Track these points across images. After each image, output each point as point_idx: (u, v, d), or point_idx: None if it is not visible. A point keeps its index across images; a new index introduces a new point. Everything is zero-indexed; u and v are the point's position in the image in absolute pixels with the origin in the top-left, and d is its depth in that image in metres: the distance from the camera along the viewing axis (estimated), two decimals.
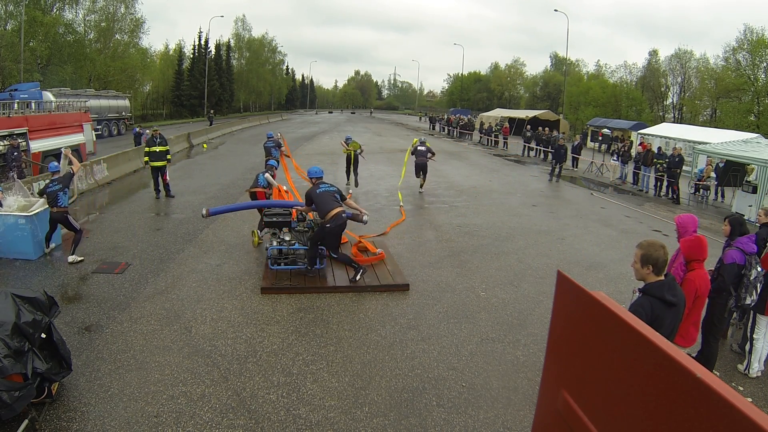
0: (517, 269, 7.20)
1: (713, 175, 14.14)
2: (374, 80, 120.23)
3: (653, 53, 48.62)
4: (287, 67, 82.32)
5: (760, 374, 4.56)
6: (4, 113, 12.43)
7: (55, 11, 35.17)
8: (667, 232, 9.74)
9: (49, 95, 17.12)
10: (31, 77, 27.99)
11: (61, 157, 7.01)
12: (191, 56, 53.47)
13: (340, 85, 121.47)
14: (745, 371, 4.60)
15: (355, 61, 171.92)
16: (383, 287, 6.15)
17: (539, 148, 23.38)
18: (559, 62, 63.43)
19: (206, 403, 3.81)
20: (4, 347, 3.23)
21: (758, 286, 4.31)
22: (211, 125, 31.57)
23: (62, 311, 4.63)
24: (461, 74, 75.57)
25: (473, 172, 17.20)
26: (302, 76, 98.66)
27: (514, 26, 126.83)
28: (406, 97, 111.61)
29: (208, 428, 3.52)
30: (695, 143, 18.64)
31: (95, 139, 17.74)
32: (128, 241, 7.93)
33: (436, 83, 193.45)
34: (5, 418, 3.18)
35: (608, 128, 25.43)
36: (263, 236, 7.84)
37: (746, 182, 12.66)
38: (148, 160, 11.10)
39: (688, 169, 15.55)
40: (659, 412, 1.22)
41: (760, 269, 4.31)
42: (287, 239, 6.64)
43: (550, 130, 23.99)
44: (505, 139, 27.33)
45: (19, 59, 28.05)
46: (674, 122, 37.36)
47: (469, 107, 65.79)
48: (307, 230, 6.76)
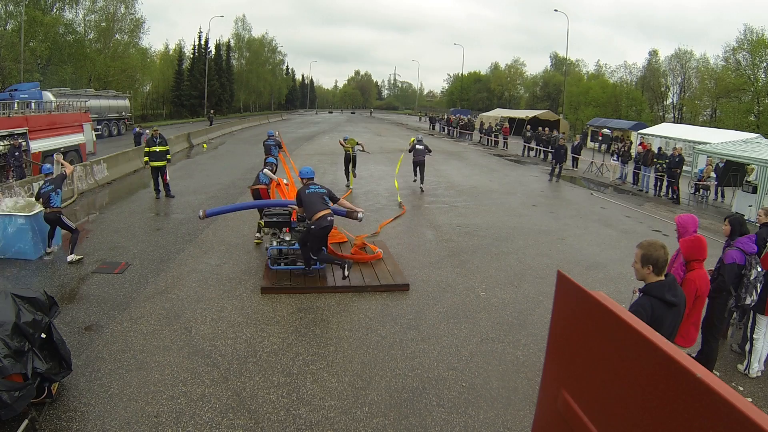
0: (517, 269, 7.20)
1: (713, 175, 14.14)
2: (374, 80, 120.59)
3: (653, 53, 48.68)
4: (287, 67, 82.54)
5: (760, 374, 4.56)
6: (4, 113, 12.44)
7: (55, 11, 35.19)
8: (667, 232, 9.74)
9: (49, 95, 17.13)
10: (31, 77, 27.99)
11: (53, 162, 7.16)
12: (191, 56, 53.52)
13: (340, 85, 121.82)
14: (745, 371, 4.60)
15: (355, 61, 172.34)
16: (383, 287, 6.16)
17: (539, 148, 23.37)
18: (559, 62, 63.43)
19: (206, 403, 3.81)
20: (4, 347, 3.23)
21: (758, 286, 4.31)
22: (211, 125, 31.59)
23: (62, 311, 4.64)
24: (461, 74, 75.73)
25: (473, 172, 17.20)
26: (302, 76, 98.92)
27: (514, 26, 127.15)
28: (406, 97, 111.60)
29: (208, 428, 3.52)
30: (695, 143, 18.63)
31: (95, 139, 17.73)
32: (128, 241, 7.93)
33: (436, 83, 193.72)
34: (5, 418, 3.18)
35: (608, 128, 25.43)
36: (263, 236, 7.84)
37: (746, 182, 12.66)
38: (148, 160, 11.12)
39: (688, 169, 15.55)
40: (659, 412, 1.22)
41: (760, 269, 4.31)
42: (287, 239, 6.65)
43: (550, 130, 23.98)
44: (505, 139, 27.32)
45: (19, 59, 28.06)
46: (674, 122, 37.35)
47: (469, 107, 65.79)
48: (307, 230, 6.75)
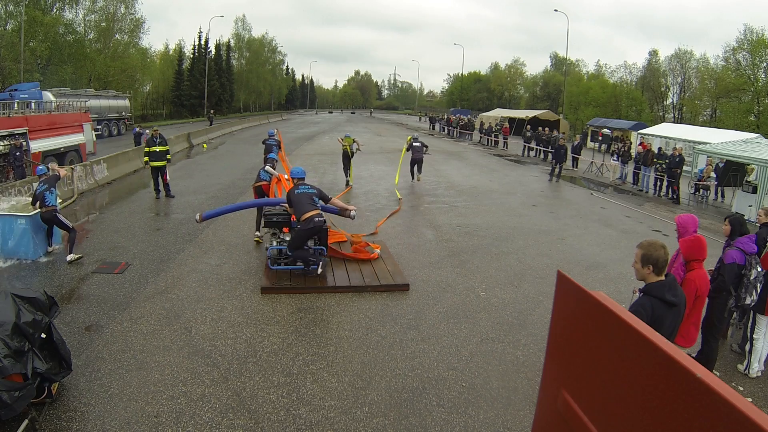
0: (517, 269, 7.20)
1: (713, 175, 14.14)
2: (374, 80, 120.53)
3: (653, 53, 48.67)
4: (287, 67, 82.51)
5: (760, 374, 4.57)
6: (4, 113, 12.43)
7: (55, 11, 35.19)
8: (667, 232, 9.74)
9: (49, 95, 17.12)
10: (31, 77, 27.99)
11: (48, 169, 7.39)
12: (191, 56, 53.50)
13: (340, 85, 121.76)
14: (745, 371, 4.60)
15: (355, 61, 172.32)
16: (383, 287, 6.16)
17: (539, 148, 23.37)
18: (559, 62, 63.43)
19: (206, 403, 3.81)
20: (4, 347, 3.23)
21: (758, 286, 4.31)
22: (211, 125, 31.59)
23: (62, 311, 4.64)
24: (461, 74, 75.73)
25: (473, 172, 17.20)
26: (302, 76, 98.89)
27: (514, 26, 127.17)
28: (406, 97, 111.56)
29: (208, 428, 3.52)
30: (695, 143, 18.63)
31: (95, 139, 17.74)
32: (128, 241, 7.93)
33: (436, 83, 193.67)
34: (5, 418, 3.18)
35: (608, 128, 25.43)
36: (263, 236, 7.85)
37: (746, 182, 12.66)
38: (148, 160, 11.12)
39: (688, 169, 15.55)
40: (659, 412, 1.22)
41: (760, 269, 4.31)
42: (287, 239, 6.65)
43: (550, 130, 23.98)
44: (505, 139, 27.32)
45: (19, 59, 28.06)
46: (674, 122, 37.35)
47: (469, 107, 65.79)
48: None
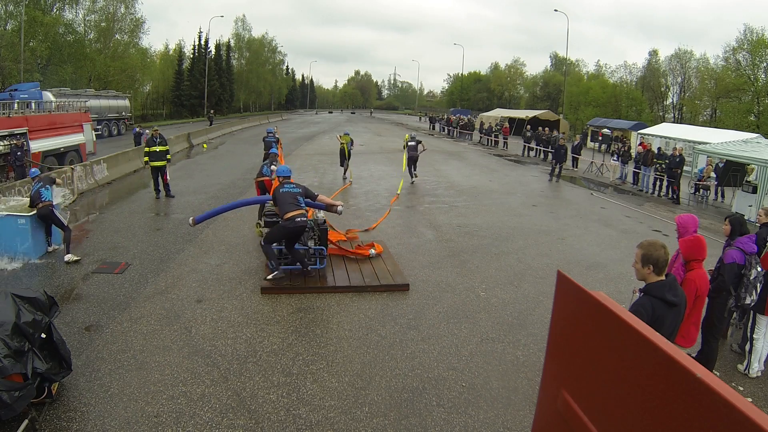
0: (517, 269, 7.20)
1: (713, 175, 14.14)
2: (374, 80, 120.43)
3: (653, 53, 48.66)
4: (287, 67, 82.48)
5: (760, 374, 4.56)
6: (4, 113, 12.43)
7: (55, 11, 35.18)
8: (667, 232, 9.73)
9: (49, 95, 17.12)
10: (31, 77, 27.98)
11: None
12: (191, 56, 53.48)
13: (340, 85, 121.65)
14: (745, 371, 4.60)
15: (355, 61, 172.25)
16: (383, 287, 6.15)
17: (539, 148, 23.36)
18: (559, 62, 63.41)
19: (206, 403, 3.81)
20: (4, 347, 3.23)
21: (758, 285, 4.31)
22: (211, 125, 31.59)
23: (62, 311, 4.64)
24: (461, 74, 75.70)
25: (473, 172, 17.20)
26: (302, 76, 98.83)
27: (514, 26, 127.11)
28: (406, 97, 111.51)
29: (208, 428, 3.52)
30: (695, 143, 18.63)
31: (95, 139, 17.74)
32: (128, 241, 7.93)
33: (436, 83, 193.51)
34: (5, 418, 3.18)
35: (608, 128, 25.42)
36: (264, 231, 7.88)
37: (746, 182, 12.66)
38: (148, 160, 11.12)
39: (688, 169, 15.55)
40: (659, 412, 1.22)
41: (760, 269, 4.31)
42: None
43: (550, 130, 23.98)
44: (505, 139, 27.31)
45: (19, 59, 28.05)
46: (674, 122, 37.33)
47: (469, 107, 65.77)
48: (306, 230, 6.75)
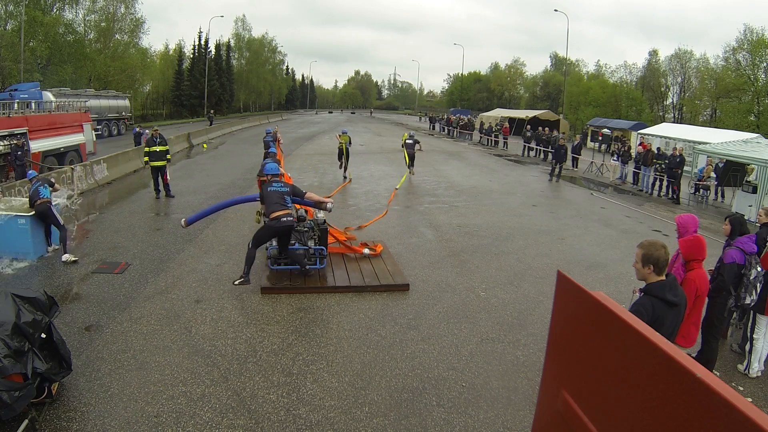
0: (517, 269, 7.20)
1: (713, 175, 14.14)
2: (374, 80, 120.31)
3: (653, 53, 48.65)
4: (287, 67, 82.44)
5: (760, 374, 4.56)
6: (4, 113, 12.43)
7: (55, 11, 35.18)
8: (667, 232, 9.74)
9: (49, 95, 17.12)
10: (31, 77, 27.97)
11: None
12: (191, 56, 53.45)
13: (340, 85, 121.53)
14: (745, 371, 4.60)
15: (355, 61, 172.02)
16: (383, 287, 6.15)
17: (539, 148, 23.35)
18: (559, 62, 63.41)
19: (206, 403, 3.81)
20: (4, 347, 3.23)
21: (758, 285, 4.31)
22: (211, 125, 31.57)
23: (62, 311, 4.64)
24: (461, 74, 75.63)
25: (473, 172, 17.20)
26: (302, 76, 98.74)
27: (514, 26, 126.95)
28: (406, 97, 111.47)
29: (208, 428, 3.52)
30: (695, 143, 18.63)
31: (95, 139, 17.74)
32: (128, 241, 7.93)
33: (436, 83, 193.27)
34: (5, 418, 3.18)
35: (608, 128, 25.42)
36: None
37: (746, 182, 12.66)
38: (148, 160, 11.12)
39: (688, 169, 15.55)
40: (659, 412, 1.22)
41: (760, 269, 4.31)
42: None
43: (550, 130, 23.97)
44: (505, 139, 27.31)
45: (19, 59, 28.05)
46: (674, 122, 37.34)
47: (469, 107, 65.77)
48: (307, 230, 6.76)
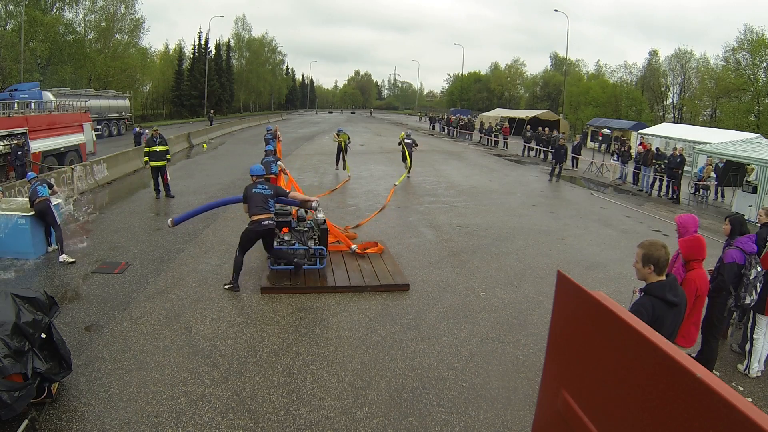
0: (517, 269, 7.20)
1: (713, 175, 14.14)
2: (374, 80, 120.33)
3: (653, 53, 48.67)
4: (287, 67, 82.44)
5: (760, 374, 4.56)
6: (4, 113, 12.43)
7: (55, 11, 35.18)
8: (667, 232, 9.74)
9: (49, 95, 17.11)
10: (31, 77, 27.97)
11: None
12: (191, 56, 53.44)
13: (340, 85, 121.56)
14: (745, 371, 4.60)
15: (355, 61, 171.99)
16: (383, 287, 6.15)
17: (539, 148, 23.35)
18: (559, 62, 63.41)
19: (206, 403, 3.81)
20: (4, 347, 3.23)
21: (758, 285, 4.31)
22: (211, 125, 31.57)
23: (62, 311, 4.64)
24: (461, 74, 75.63)
25: (473, 172, 17.20)
26: (302, 76, 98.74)
27: (514, 26, 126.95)
28: (406, 97, 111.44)
29: (208, 428, 3.52)
30: (695, 143, 18.63)
31: (95, 139, 17.74)
32: (128, 241, 7.93)
33: (436, 83, 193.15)
34: (5, 418, 3.18)
35: (608, 128, 25.42)
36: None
37: (746, 182, 12.66)
38: (147, 160, 11.12)
39: (688, 169, 15.55)
40: (659, 412, 1.22)
41: (759, 269, 4.31)
42: (287, 239, 6.65)
43: (550, 130, 23.97)
44: (505, 139, 27.31)
45: (19, 59, 28.05)
46: (674, 122, 37.34)
47: (469, 107, 65.77)
48: (306, 230, 6.76)
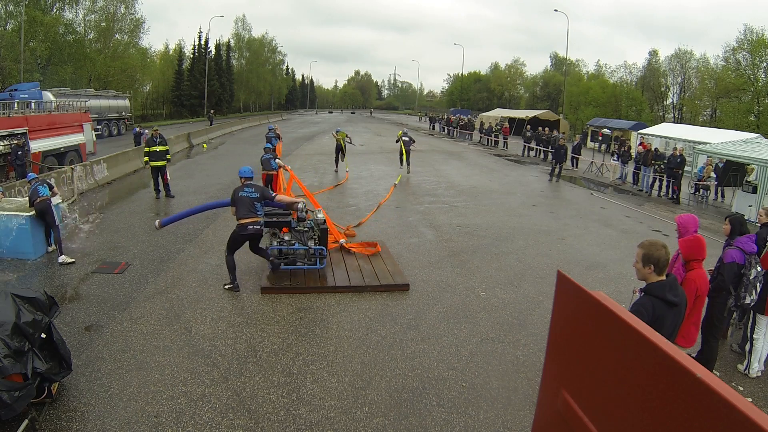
0: (517, 269, 7.20)
1: (713, 175, 14.14)
2: (374, 80, 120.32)
3: (653, 53, 48.66)
4: (287, 67, 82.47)
5: (760, 374, 4.56)
6: (4, 113, 12.43)
7: (55, 11, 35.19)
8: (667, 232, 9.74)
9: (49, 95, 17.10)
10: (31, 77, 27.96)
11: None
12: (191, 56, 53.46)
13: (340, 85, 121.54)
14: (745, 371, 4.60)
15: (355, 61, 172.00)
16: (383, 287, 6.15)
17: (539, 148, 23.35)
18: (559, 62, 63.40)
19: (206, 403, 3.81)
20: (4, 347, 3.23)
21: (758, 285, 4.31)
22: (211, 125, 31.58)
23: (62, 311, 4.64)
24: (461, 74, 75.62)
25: (473, 172, 17.20)
26: (302, 76, 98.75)
27: (514, 26, 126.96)
28: (406, 97, 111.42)
29: (208, 428, 3.52)
30: (695, 143, 18.63)
31: (95, 139, 17.74)
32: (128, 241, 7.93)
33: (436, 83, 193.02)
34: (5, 418, 3.18)
35: (608, 128, 25.41)
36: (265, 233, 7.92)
37: (746, 182, 12.66)
38: (147, 159, 11.12)
39: (688, 169, 15.55)
40: (659, 412, 1.22)
41: (759, 269, 4.31)
42: (287, 239, 6.65)
43: (550, 130, 23.97)
44: (505, 139, 27.31)
45: (19, 59, 28.05)
46: (674, 122, 37.34)
47: (469, 107, 65.76)
48: (306, 230, 6.76)
